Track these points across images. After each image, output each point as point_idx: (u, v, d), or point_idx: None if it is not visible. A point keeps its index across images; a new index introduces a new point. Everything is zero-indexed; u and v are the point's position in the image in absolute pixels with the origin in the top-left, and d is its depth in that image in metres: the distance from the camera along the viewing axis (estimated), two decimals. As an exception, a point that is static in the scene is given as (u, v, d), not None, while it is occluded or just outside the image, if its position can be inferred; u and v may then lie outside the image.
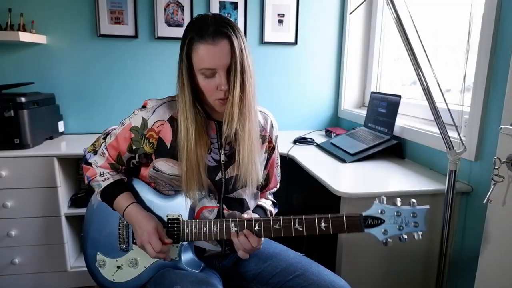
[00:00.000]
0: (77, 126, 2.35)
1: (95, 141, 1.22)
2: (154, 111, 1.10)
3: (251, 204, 1.22)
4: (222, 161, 1.14)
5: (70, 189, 2.06)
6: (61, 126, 2.26)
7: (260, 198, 1.31)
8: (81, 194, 2.02)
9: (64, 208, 1.95)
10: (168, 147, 1.10)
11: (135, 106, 1.17)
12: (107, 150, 1.16)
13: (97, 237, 1.20)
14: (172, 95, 1.14)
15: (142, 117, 1.10)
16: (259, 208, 1.26)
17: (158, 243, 1.05)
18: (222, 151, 1.14)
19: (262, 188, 1.31)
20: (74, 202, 2.01)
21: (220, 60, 1.00)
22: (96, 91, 2.34)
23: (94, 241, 1.20)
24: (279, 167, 1.34)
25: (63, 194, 1.94)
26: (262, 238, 1.07)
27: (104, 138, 1.19)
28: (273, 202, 1.34)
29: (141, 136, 1.11)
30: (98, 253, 1.19)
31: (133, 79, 2.36)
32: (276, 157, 1.31)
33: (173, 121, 1.10)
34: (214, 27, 0.99)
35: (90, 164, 1.18)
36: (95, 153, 1.18)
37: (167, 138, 1.10)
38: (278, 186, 1.37)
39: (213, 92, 1.04)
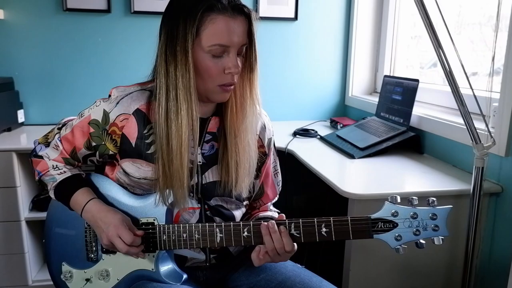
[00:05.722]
0: (40, 115, 2.34)
1: (48, 132, 1.20)
2: (118, 102, 1.08)
3: (236, 214, 1.20)
4: (199, 162, 1.12)
5: (32, 190, 2.04)
6: (21, 116, 2.24)
7: (262, 211, 1.29)
8: (44, 196, 2.00)
9: (25, 212, 1.95)
10: (133, 145, 1.08)
11: (107, 92, 1.14)
12: (61, 143, 1.14)
13: (61, 245, 1.19)
14: (141, 82, 1.12)
15: (104, 110, 1.08)
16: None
17: (129, 233, 1.02)
18: (199, 151, 1.12)
19: (255, 199, 1.28)
20: (37, 204, 2.00)
21: (237, 37, 1.00)
22: (62, 75, 2.33)
23: (58, 250, 1.19)
24: (279, 173, 1.32)
25: (24, 195, 1.93)
26: (295, 246, 1.02)
27: (59, 129, 1.17)
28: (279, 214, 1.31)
29: (103, 131, 1.09)
30: (64, 263, 1.17)
31: (106, 60, 2.35)
32: (272, 163, 1.28)
33: (139, 114, 1.07)
34: (231, 1, 1.00)
35: (41, 157, 1.16)
36: (48, 145, 1.17)
37: (132, 134, 1.08)
38: (277, 197, 1.34)
39: (218, 75, 1.03)
